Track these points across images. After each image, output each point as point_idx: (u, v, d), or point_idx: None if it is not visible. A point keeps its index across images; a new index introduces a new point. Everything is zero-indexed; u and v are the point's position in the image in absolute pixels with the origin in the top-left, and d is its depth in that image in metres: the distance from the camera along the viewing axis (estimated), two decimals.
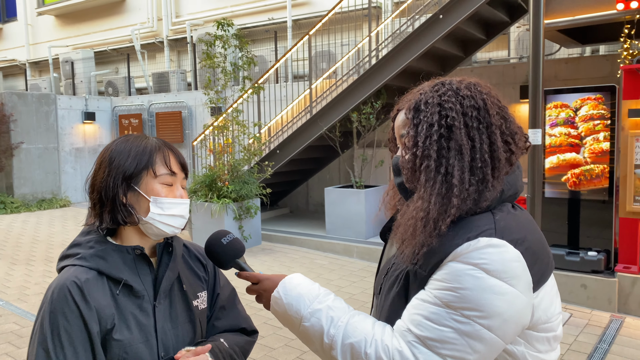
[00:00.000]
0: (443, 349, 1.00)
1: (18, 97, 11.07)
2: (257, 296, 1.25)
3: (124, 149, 1.22)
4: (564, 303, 4.77)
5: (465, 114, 1.08)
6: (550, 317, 1.09)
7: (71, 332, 1.10)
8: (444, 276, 1.02)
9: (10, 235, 8.33)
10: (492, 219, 1.05)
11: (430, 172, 1.07)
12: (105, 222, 1.21)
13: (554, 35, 5.71)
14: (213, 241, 1.30)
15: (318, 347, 1.11)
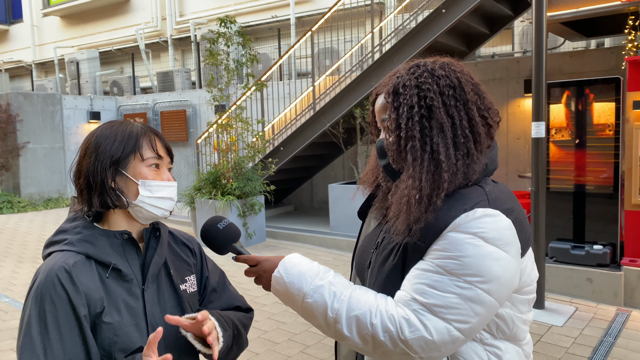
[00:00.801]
0: (448, 314, 1.05)
1: (24, 97, 11.14)
2: (256, 278, 1.26)
3: (110, 134, 1.22)
4: (569, 297, 4.74)
5: (442, 93, 1.13)
6: (533, 281, 1.18)
7: (57, 316, 1.10)
8: (445, 246, 1.08)
9: (17, 234, 8.38)
10: (484, 191, 1.12)
11: (416, 152, 1.12)
12: (95, 206, 1.20)
13: (558, 28, 5.68)
14: (209, 227, 1.30)
15: (322, 322, 1.14)
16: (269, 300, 4.83)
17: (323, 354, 3.69)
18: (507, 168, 7.42)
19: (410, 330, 1.05)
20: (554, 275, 4.83)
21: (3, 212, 10.42)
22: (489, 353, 1.15)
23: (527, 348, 1.24)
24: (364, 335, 1.08)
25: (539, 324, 4.15)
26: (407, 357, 1.07)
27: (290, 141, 7.61)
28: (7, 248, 7.40)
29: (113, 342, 1.14)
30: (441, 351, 1.06)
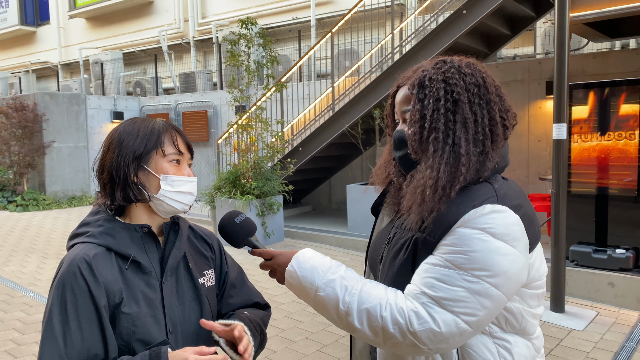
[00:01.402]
0: (456, 307, 1.07)
1: (50, 97, 11.40)
2: (270, 271, 1.29)
3: (132, 130, 1.26)
4: (591, 301, 4.67)
5: (468, 90, 1.16)
6: (541, 276, 1.20)
7: (77, 306, 1.14)
8: (454, 241, 1.10)
9: (42, 231, 8.58)
10: (492, 188, 1.15)
11: (438, 143, 1.15)
12: (117, 199, 1.24)
13: (581, 29, 5.59)
14: (226, 221, 1.34)
15: (333, 315, 1.17)
16: (286, 299, 4.86)
17: (340, 353, 3.70)
18: (527, 170, 7.34)
19: (419, 323, 1.07)
20: (575, 279, 4.76)
21: (29, 210, 10.67)
22: (498, 346, 1.17)
23: (537, 342, 1.25)
24: (374, 328, 1.11)
25: (559, 327, 4.10)
26: (416, 348, 1.10)
27: (309, 142, 7.64)
28: (32, 244, 7.58)
29: (131, 332, 1.18)
30: (449, 343, 1.09)
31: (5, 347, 3.90)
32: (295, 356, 3.67)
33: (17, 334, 4.16)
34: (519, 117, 7.34)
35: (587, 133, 4.97)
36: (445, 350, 1.12)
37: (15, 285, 5.51)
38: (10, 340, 4.02)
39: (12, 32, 18.57)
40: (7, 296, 5.15)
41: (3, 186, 11.47)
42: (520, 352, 1.19)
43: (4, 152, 10.90)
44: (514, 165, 7.40)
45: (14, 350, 3.83)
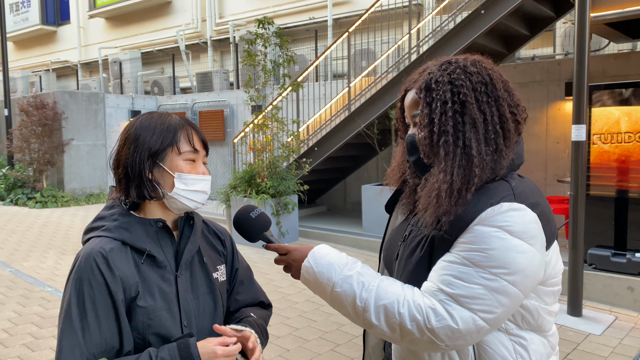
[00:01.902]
0: (474, 304, 1.07)
1: (70, 95, 11.56)
2: (285, 266, 1.29)
3: (149, 126, 1.26)
4: (609, 306, 4.59)
5: (475, 89, 1.15)
6: (557, 273, 1.20)
7: (95, 299, 1.15)
8: (471, 239, 1.10)
9: (60, 227, 8.70)
10: (509, 186, 1.15)
11: (449, 146, 1.15)
12: (132, 196, 1.25)
13: (602, 29, 5.51)
14: (242, 216, 1.34)
15: (350, 311, 1.17)
16: (300, 298, 4.87)
17: (353, 353, 3.69)
18: (545, 172, 7.25)
19: (437, 320, 1.08)
20: (593, 282, 4.69)
21: (48, 206, 10.83)
22: (514, 343, 1.17)
23: (552, 339, 1.25)
24: (391, 324, 1.11)
25: (576, 332, 4.04)
26: (433, 345, 1.10)
27: (325, 142, 7.64)
28: (50, 240, 7.70)
29: (147, 325, 1.19)
30: (466, 340, 1.09)
31: (24, 340, 3.96)
32: (308, 355, 3.67)
33: (35, 327, 4.23)
34: (538, 119, 7.26)
35: (607, 135, 4.90)
36: (462, 347, 1.12)
37: (34, 281, 5.60)
38: (29, 334, 4.08)
39: (34, 32, 18.89)
40: (26, 291, 5.24)
41: (23, 183, 11.67)
42: (536, 349, 1.19)
43: (24, 149, 11.08)
44: (532, 167, 7.32)
45: (32, 344, 3.89)
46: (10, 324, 4.30)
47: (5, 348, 3.82)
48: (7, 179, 11.86)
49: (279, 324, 4.25)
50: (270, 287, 5.18)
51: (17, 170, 11.59)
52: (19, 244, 7.48)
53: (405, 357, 1.26)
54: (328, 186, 9.30)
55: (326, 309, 4.54)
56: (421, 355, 1.21)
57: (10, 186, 11.69)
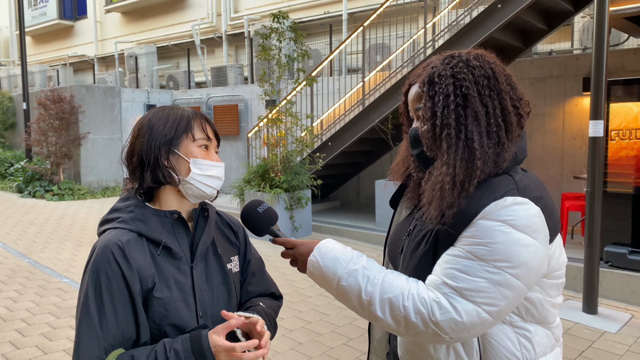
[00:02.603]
0: (478, 297, 1.09)
1: (86, 89, 11.69)
2: (291, 260, 1.31)
3: (162, 116, 1.28)
4: (625, 304, 4.54)
5: (477, 82, 1.17)
6: (561, 266, 1.22)
7: (112, 290, 1.16)
8: (475, 233, 1.11)
9: (76, 220, 8.83)
10: (513, 180, 1.16)
11: (451, 139, 1.16)
12: (147, 181, 1.26)
13: (621, 24, 5.42)
14: (249, 210, 1.36)
15: (355, 304, 1.18)
16: (313, 292, 4.89)
17: (365, 347, 3.70)
18: (562, 169, 7.17)
19: (441, 312, 1.09)
20: (609, 280, 4.64)
21: (65, 199, 10.99)
22: (519, 335, 1.19)
23: (556, 331, 1.26)
24: (396, 317, 1.13)
25: (591, 329, 4.01)
26: (437, 337, 1.11)
27: (339, 136, 7.64)
28: (67, 232, 7.81)
29: (163, 316, 1.20)
30: (470, 332, 1.10)
31: (42, 330, 4.04)
32: (321, 348, 3.69)
33: (52, 317, 4.30)
34: (554, 115, 7.18)
35: (625, 131, 4.82)
36: (466, 339, 1.13)
37: (52, 272, 5.69)
38: (46, 324, 4.16)
39: (51, 26, 19.12)
40: (43, 281, 5.33)
41: (41, 176, 11.84)
42: (541, 341, 1.21)
43: (42, 142, 11.24)
44: (548, 163, 7.24)
45: (50, 334, 3.96)
46: (29, 314, 4.38)
47: (23, 337, 3.89)
48: (25, 172, 12.05)
49: (292, 318, 4.28)
50: (284, 281, 5.20)
51: (35, 163, 11.77)
52: (37, 235, 7.61)
53: (411, 349, 1.27)
54: (341, 181, 9.30)
55: (338, 303, 4.56)
56: (426, 347, 1.22)
57: (29, 179, 11.87)
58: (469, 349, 1.18)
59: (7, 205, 10.49)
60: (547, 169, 7.22)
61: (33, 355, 3.59)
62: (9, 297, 4.82)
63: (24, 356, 3.58)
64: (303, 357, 3.56)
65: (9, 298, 4.80)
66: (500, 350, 1.17)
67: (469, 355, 1.19)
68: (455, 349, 1.19)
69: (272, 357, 3.54)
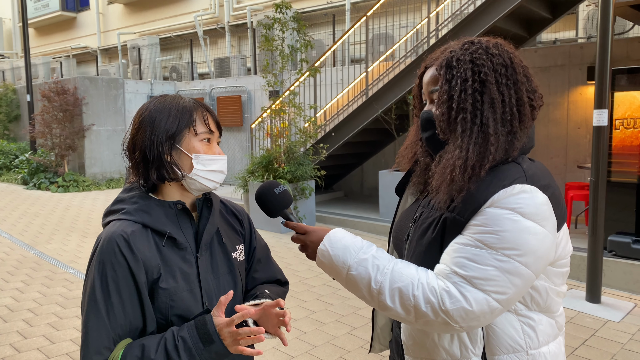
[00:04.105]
0: (487, 285, 1.09)
1: (90, 81, 11.69)
2: (301, 246, 1.31)
3: (164, 109, 1.26)
4: (629, 293, 4.55)
5: (496, 70, 1.17)
6: (567, 254, 1.23)
7: (118, 281, 1.17)
8: (484, 221, 1.12)
9: (81, 211, 8.87)
10: (521, 168, 1.16)
11: (466, 124, 1.16)
12: (152, 179, 1.26)
13: (626, 12, 5.37)
14: (265, 190, 1.34)
15: (365, 294, 1.19)
16: (317, 282, 4.91)
17: (369, 336, 3.73)
18: (565, 158, 7.15)
19: (451, 302, 1.09)
20: (613, 269, 4.65)
21: (69, 190, 11.04)
22: (523, 324, 1.20)
23: (560, 320, 1.27)
24: (406, 306, 1.13)
25: (595, 318, 4.02)
26: (447, 326, 1.12)
27: (342, 127, 7.63)
28: (73, 224, 7.86)
29: (169, 306, 1.21)
30: (480, 321, 1.11)
31: (49, 320, 4.08)
32: (325, 337, 3.72)
33: (59, 308, 4.35)
34: (559, 104, 7.15)
35: (630, 120, 4.80)
36: (475, 328, 1.14)
37: (58, 263, 5.74)
38: (53, 314, 4.20)
39: (54, 18, 19.09)
40: (50, 272, 5.37)
41: (45, 167, 11.89)
42: (544, 330, 1.22)
43: (46, 134, 11.27)
44: (552, 152, 7.22)
45: (57, 323, 4.01)
46: (36, 304, 4.43)
47: (31, 327, 3.94)
48: (30, 164, 12.10)
49: (297, 307, 4.30)
50: (288, 271, 5.23)
51: (39, 155, 11.81)
52: (43, 227, 7.66)
53: (415, 335, 1.28)
54: (345, 172, 9.31)
55: (343, 293, 4.58)
56: (431, 334, 1.23)
57: (33, 171, 11.92)
58: (473, 337, 1.19)
59: (13, 197, 10.55)
60: (551, 159, 7.20)
61: (40, 345, 3.63)
62: (16, 288, 4.86)
63: (32, 345, 3.62)
64: (308, 346, 3.59)
65: (16, 289, 4.85)
66: (504, 339, 1.18)
67: (473, 343, 1.19)
68: (460, 337, 1.20)
69: (277, 345, 3.57)
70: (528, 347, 1.19)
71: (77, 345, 3.62)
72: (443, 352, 1.22)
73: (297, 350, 3.51)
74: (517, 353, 1.19)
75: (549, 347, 1.23)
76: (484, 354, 1.20)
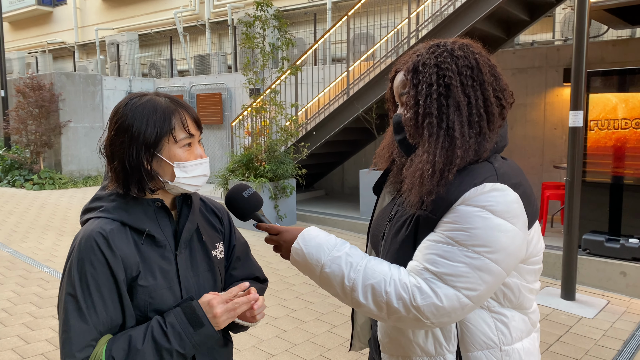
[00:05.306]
0: (458, 282, 1.11)
1: (67, 77, 11.49)
2: (275, 246, 1.32)
3: (141, 116, 1.22)
4: (602, 290, 4.66)
5: (461, 73, 1.18)
6: (538, 252, 1.24)
7: (98, 279, 1.17)
8: (455, 218, 1.13)
9: (58, 209, 8.72)
10: (493, 167, 1.18)
11: (432, 128, 1.18)
12: (133, 192, 1.23)
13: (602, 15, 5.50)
14: (234, 194, 1.35)
15: (338, 291, 1.20)
16: (298, 280, 4.92)
17: (349, 334, 3.74)
18: (542, 158, 7.28)
19: (422, 298, 1.11)
20: (587, 267, 4.75)
21: (45, 188, 10.84)
22: (496, 320, 1.22)
23: (533, 316, 1.29)
24: (378, 303, 1.14)
25: (569, 315, 4.11)
26: (419, 322, 1.13)
27: (323, 126, 7.64)
28: (49, 222, 7.72)
29: (148, 303, 1.21)
30: (451, 317, 1.13)
31: (23, 320, 4.01)
32: (305, 336, 3.73)
33: (34, 307, 4.27)
34: (536, 105, 7.27)
35: (604, 121, 4.91)
36: (447, 324, 1.15)
37: (33, 261, 5.63)
38: (28, 314, 4.13)
39: (29, 12, 18.69)
40: (24, 271, 5.27)
41: (20, 165, 11.65)
42: (517, 326, 1.24)
43: (21, 130, 11.04)
44: (529, 152, 7.35)
45: (31, 323, 3.94)
46: (10, 304, 4.34)
47: (4, 327, 3.86)
48: (4, 161, 11.84)
49: (277, 306, 4.30)
50: (268, 269, 5.22)
51: (14, 151, 11.57)
52: (17, 225, 7.51)
53: (390, 333, 1.30)
54: (326, 170, 9.32)
55: (322, 291, 4.60)
56: (406, 332, 1.25)
57: (8, 168, 11.68)
58: (447, 334, 1.21)
59: None
60: (528, 159, 7.32)
61: (15, 345, 3.56)
62: None
63: (6, 346, 3.55)
64: (287, 344, 3.59)
65: None
66: (477, 335, 1.20)
67: (447, 340, 1.21)
68: (434, 334, 1.22)
69: (257, 344, 3.57)
70: (501, 343, 1.21)
71: (53, 345, 3.56)
72: (418, 349, 1.24)
73: (277, 349, 3.52)
74: (491, 349, 1.20)
75: (523, 344, 1.25)
76: (458, 350, 1.21)
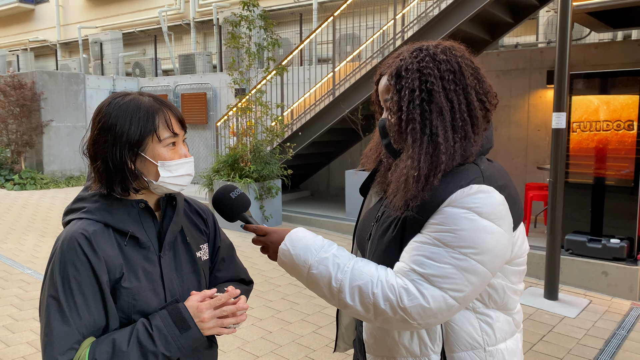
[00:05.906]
0: (444, 283, 1.11)
1: (49, 76, 11.32)
2: (262, 248, 1.31)
3: (125, 115, 1.21)
4: (584, 290, 4.72)
5: (443, 77, 1.17)
6: (523, 253, 1.26)
7: (81, 281, 1.15)
8: (442, 220, 1.13)
9: (39, 210, 8.59)
10: (479, 169, 1.18)
11: (416, 134, 1.18)
12: (116, 192, 1.22)
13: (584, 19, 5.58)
14: (221, 195, 1.34)
15: (325, 292, 1.20)
16: (283, 282, 4.90)
17: (334, 335, 3.74)
18: (526, 159, 7.36)
19: (409, 299, 1.11)
20: (569, 267, 4.81)
21: (26, 188, 10.67)
22: (481, 321, 1.22)
23: (517, 317, 1.30)
24: (365, 304, 1.14)
25: (552, 314, 4.15)
26: (406, 323, 1.13)
27: (309, 126, 7.63)
28: (30, 222, 7.60)
29: (132, 305, 1.20)
30: (437, 318, 1.13)
31: (3, 322, 3.93)
32: (290, 337, 3.72)
33: (14, 310, 4.19)
34: (519, 107, 7.35)
35: (586, 123, 4.98)
36: (433, 325, 1.16)
37: (13, 263, 5.53)
38: (8, 316, 4.05)
39: (10, 10, 18.39)
40: (4, 273, 5.18)
41: (0, 165, 11.45)
42: (501, 327, 1.25)
43: (1, 130, 10.86)
44: (513, 154, 7.42)
45: (12, 326, 3.87)
46: None
47: None
48: None
49: (262, 307, 4.28)
50: (254, 270, 5.20)
51: None
52: None
53: (376, 334, 1.30)
54: (312, 171, 9.32)
55: (308, 292, 4.59)
56: (391, 332, 1.25)
57: None
58: (432, 334, 1.21)
59: None
60: (511, 160, 7.40)
61: None
62: None
63: None
64: (273, 345, 3.58)
65: None
66: (462, 336, 1.21)
67: (432, 340, 1.22)
68: (419, 334, 1.22)
69: (242, 345, 3.55)
70: (486, 343, 1.22)
71: (34, 348, 3.50)
72: (403, 350, 1.24)
73: (262, 350, 3.50)
74: (475, 350, 1.21)
75: (507, 344, 1.26)
76: (443, 351, 1.22)
